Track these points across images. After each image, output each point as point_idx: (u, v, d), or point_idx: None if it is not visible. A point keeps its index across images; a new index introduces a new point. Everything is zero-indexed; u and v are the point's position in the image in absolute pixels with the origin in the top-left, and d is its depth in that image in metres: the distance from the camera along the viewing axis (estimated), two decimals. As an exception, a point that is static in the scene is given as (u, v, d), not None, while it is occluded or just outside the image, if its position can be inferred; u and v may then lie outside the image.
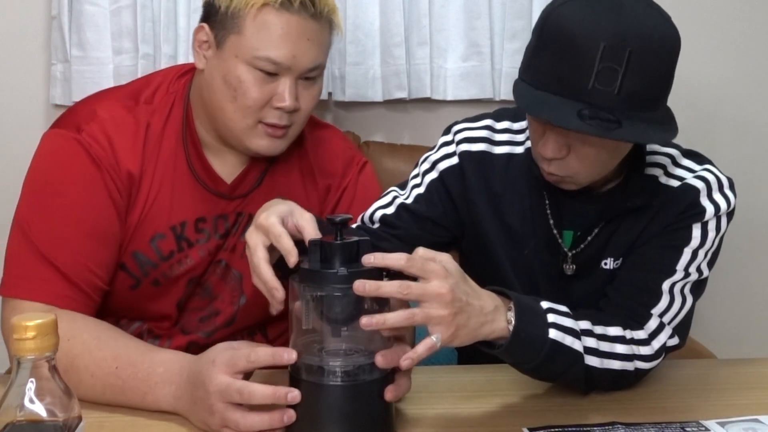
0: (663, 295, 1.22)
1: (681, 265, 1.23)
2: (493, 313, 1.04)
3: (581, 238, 1.28)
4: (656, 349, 1.21)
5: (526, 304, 1.09)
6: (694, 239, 1.23)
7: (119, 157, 1.28)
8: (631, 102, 1.07)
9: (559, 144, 1.14)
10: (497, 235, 1.31)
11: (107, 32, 1.93)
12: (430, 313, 0.97)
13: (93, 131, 1.28)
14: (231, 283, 1.39)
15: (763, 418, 1.11)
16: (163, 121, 1.33)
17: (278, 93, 1.29)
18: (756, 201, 2.25)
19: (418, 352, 0.97)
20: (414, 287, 0.97)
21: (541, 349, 1.08)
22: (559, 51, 1.07)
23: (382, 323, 0.96)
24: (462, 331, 1.00)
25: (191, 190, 1.34)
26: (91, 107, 1.33)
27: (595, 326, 1.17)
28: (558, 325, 1.11)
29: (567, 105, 1.06)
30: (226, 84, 1.28)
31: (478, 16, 2.03)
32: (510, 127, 1.33)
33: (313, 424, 0.99)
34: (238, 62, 1.28)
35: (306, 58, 1.29)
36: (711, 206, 1.23)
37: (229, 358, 1.00)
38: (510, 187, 1.30)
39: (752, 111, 2.22)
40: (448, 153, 1.33)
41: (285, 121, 1.31)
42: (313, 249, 1.00)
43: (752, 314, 2.30)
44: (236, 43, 1.27)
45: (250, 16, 1.26)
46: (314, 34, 1.29)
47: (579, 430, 1.08)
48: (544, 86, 1.09)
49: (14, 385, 0.76)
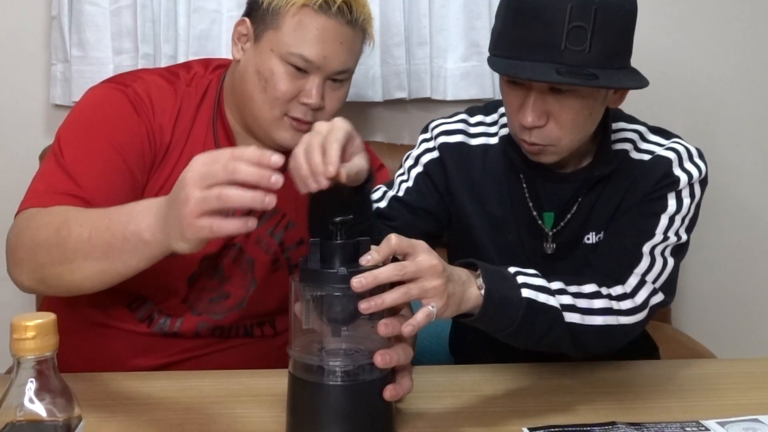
0: (643, 257, 1.26)
1: (660, 230, 1.27)
2: (467, 282, 1.06)
3: (561, 217, 1.32)
4: (639, 303, 1.23)
5: (493, 269, 1.11)
6: (670, 207, 1.27)
7: (157, 115, 1.37)
8: (601, 59, 1.14)
9: (538, 111, 1.19)
10: (481, 223, 1.35)
11: (107, 32, 1.93)
12: (424, 285, 0.99)
13: (137, 89, 1.37)
14: (243, 267, 1.42)
15: (763, 418, 1.11)
16: (197, 104, 1.41)
17: (306, 89, 1.36)
18: (756, 201, 2.25)
19: (417, 319, 0.98)
20: (408, 264, 0.98)
21: (518, 309, 1.10)
22: (529, 19, 1.14)
23: (381, 303, 0.96)
24: (452, 299, 1.02)
25: None
26: (136, 74, 1.44)
27: (569, 286, 1.18)
28: (529, 284, 1.12)
29: (543, 66, 1.13)
30: (259, 75, 1.36)
31: (478, 16, 2.03)
32: (483, 120, 1.39)
33: (313, 424, 0.99)
34: (272, 56, 1.36)
35: (336, 61, 1.37)
36: (684, 175, 1.28)
37: (206, 171, 0.96)
38: (489, 176, 1.35)
39: (752, 111, 2.22)
40: (428, 147, 1.38)
41: (309, 117, 1.37)
42: (313, 249, 1.00)
43: (752, 314, 2.30)
44: (273, 38, 1.36)
45: (290, 14, 1.34)
46: (347, 39, 1.37)
47: (579, 430, 1.08)
48: (517, 55, 1.15)
49: (14, 385, 0.76)
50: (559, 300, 1.15)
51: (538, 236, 1.33)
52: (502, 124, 1.37)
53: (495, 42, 1.21)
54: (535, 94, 1.18)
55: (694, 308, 2.24)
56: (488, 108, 1.41)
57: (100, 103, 1.37)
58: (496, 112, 1.39)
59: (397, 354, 0.99)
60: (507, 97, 1.24)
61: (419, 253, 1.00)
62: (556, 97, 1.18)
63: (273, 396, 1.12)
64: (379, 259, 0.98)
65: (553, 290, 1.15)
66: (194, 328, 1.40)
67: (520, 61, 1.14)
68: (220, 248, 1.41)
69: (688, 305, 2.23)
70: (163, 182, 1.36)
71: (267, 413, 1.10)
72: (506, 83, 1.22)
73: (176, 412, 1.12)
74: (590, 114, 1.22)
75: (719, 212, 2.16)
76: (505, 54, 1.17)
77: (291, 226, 1.45)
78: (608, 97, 1.25)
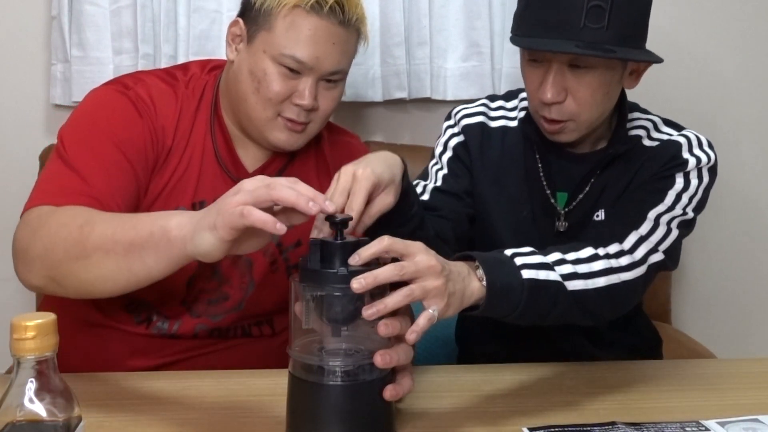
0: (646, 221, 1.29)
1: (667, 201, 1.31)
2: (468, 277, 1.06)
3: (573, 197, 1.39)
4: (637, 259, 1.25)
5: (491, 258, 1.11)
6: (678, 184, 1.32)
7: (160, 117, 1.37)
8: (618, 37, 1.22)
9: (557, 87, 1.27)
10: (496, 201, 1.41)
11: (107, 32, 1.94)
12: (425, 285, 0.99)
13: (139, 91, 1.37)
14: (241, 268, 1.42)
15: (763, 418, 1.11)
16: (195, 106, 1.42)
17: (299, 90, 1.36)
18: (756, 201, 2.25)
19: (419, 325, 0.98)
20: (407, 265, 0.98)
21: (521, 293, 1.10)
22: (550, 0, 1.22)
23: (384, 308, 0.96)
24: (452, 299, 1.02)
25: (215, 174, 1.40)
26: (136, 76, 1.44)
27: (567, 254, 1.19)
28: (528, 264, 1.13)
29: (564, 42, 1.21)
30: (252, 76, 1.36)
31: (478, 16, 2.03)
32: (503, 105, 1.48)
33: (313, 424, 0.99)
34: (265, 57, 1.35)
35: (329, 62, 1.36)
36: (693, 159, 1.33)
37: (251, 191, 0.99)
38: (507, 155, 1.43)
39: (752, 111, 2.22)
40: (454, 132, 1.47)
41: (303, 118, 1.37)
42: (313, 249, 1.00)
43: (752, 314, 2.30)
44: (266, 39, 1.35)
45: (281, 15, 1.34)
46: (340, 40, 1.36)
47: (579, 430, 1.08)
48: (538, 33, 1.24)
49: (14, 385, 0.76)
50: (559, 271, 1.16)
51: (550, 214, 1.40)
52: (522, 107, 1.45)
53: (517, 23, 1.29)
54: (555, 71, 1.26)
55: (694, 308, 2.24)
56: (508, 95, 1.50)
57: (102, 105, 1.36)
58: (516, 98, 1.48)
59: (398, 354, 0.99)
60: (528, 76, 1.32)
61: (417, 254, 0.99)
62: (575, 74, 1.26)
63: (273, 396, 1.12)
64: (367, 258, 0.98)
65: (552, 263, 1.16)
66: (192, 330, 1.39)
67: (541, 39, 1.23)
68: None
69: (688, 305, 2.23)
70: (164, 185, 1.36)
71: (267, 413, 1.10)
72: (527, 62, 1.30)
73: (176, 412, 1.12)
74: (607, 92, 1.29)
75: (719, 212, 2.15)
76: (527, 33, 1.25)
77: (289, 227, 1.44)
78: (624, 77, 1.32)
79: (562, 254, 1.19)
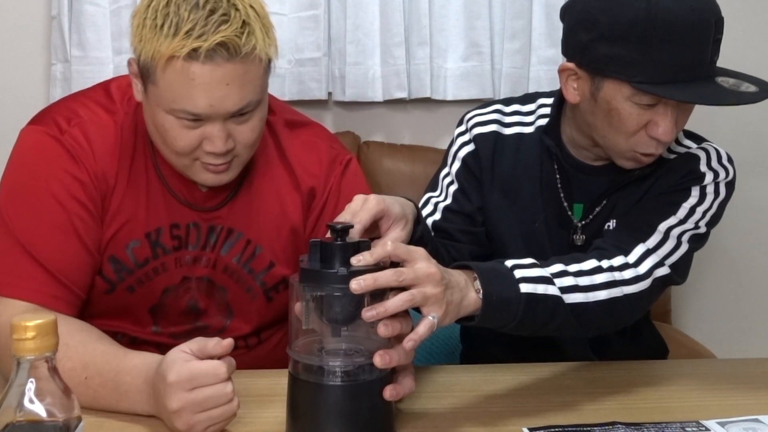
0: (655, 234, 1.26)
1: (679, 214, 1.28)
2: (465, 287, 1.05)
3: (590, 209, 1.35)
4: (642, 273, 1.22)
5: (490, 269, 1.10)
6: (692, 197, 1.29)
7: (98, 160, 1.27)
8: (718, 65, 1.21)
9: (673, 124, 1.22)
10: (506, 210, 1.38)
11: (107, 32, 1.94)
12: (425, 292, 0.98)
13: (75, 134, 1.27)
14: (217, 298, 1.36)
15: (763, 418, 1.11)
16: (133, 129, 1.30)
17: (208, 137, 1.20)
18: (756, 201, 2.25)
19: (419, 333, 0.98)
20: (406, 271, 0.98)
21: (517, 306, 1.09)
22: (680, 40, 1.16)
23: (384, 311, 0.96)
24: (450, 307, 1.01)
25: (164, 199, 1.32)
26: (73, 109, 1.30)
27: (569, 266, 1.18)
28: (527, 278, 1.11)
29: (709, 84, 1.19)
30: (156, 128, 1.23)
31: (478, 16, 2.03)
32: (519, 110, 1.42)
33: (313, 424, 0.99)
34: (160, 110, 1.20)
35: (227, 104, 1.18)
36: (710, 173, 1.30)
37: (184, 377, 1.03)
38: (521, 164, 1.39)
39: (752, 111, 2.21)
40: (464, 141, 1.42)
41: (222, 159, 1.23)
42: (313, 249, 1.00)
43: (752, 314, 2.30)
44: (155, 93, 1.19)
45: (159, 68, 1.16)
46: (234, 78, 1.16)
47: (579, 430, 1.08)
48: (675, 77, 1.18)
49: (14, 385, 0.76)
50: (559, 284, 1.14)
51: (565, 226, 1.37)
52: (540, 114, 1.40)
53: (641, 68, 1.18)
54: (673, 107, 1.21)
55: (694, 308, 2.24)
56: (524, 99, 1.45)
57: (36, 158, 1.27)
58: (534, 102, 1.42)
59: (397, 354, 0.99)
60: (630, 118, 1.22)
61: (417, 261, 0.99)
62: (681, 107, 1.23)
63: (273, 396, 1.12)
64: (371, 261, 0.98)
65: (553, 275, 1.14)
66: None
67: (685, 84, 1.18)
68: (181, 278, 1.33)
69: (688, 305, 2.23)
70: (117, 226, 1.29)
71: (267, 413, 1.10)
72: (635, 104, 1.21)
73: (176, 412, 1.12)
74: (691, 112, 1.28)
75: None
76: (661, 79, 1.18)
77: (258, 251, 1.35)
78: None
79: (565, 266, 1.17)
